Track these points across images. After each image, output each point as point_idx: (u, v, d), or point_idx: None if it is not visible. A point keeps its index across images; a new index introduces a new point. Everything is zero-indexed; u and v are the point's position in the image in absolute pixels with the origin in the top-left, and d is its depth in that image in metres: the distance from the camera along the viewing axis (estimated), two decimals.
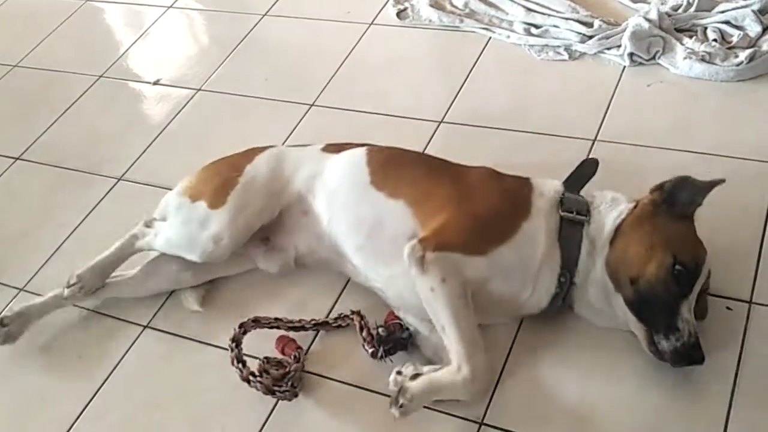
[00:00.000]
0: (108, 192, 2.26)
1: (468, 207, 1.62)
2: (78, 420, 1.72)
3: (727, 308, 1.61)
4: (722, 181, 1.58)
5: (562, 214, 1.60)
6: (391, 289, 1.68)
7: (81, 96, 2.67)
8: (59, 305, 1.88)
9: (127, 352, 1.82)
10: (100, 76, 2.74)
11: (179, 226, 1.81)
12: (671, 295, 1.47)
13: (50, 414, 1.74)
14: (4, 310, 1.91)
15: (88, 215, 2.20)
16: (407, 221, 1.65)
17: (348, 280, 1.83)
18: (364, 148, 1.83)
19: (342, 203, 1.74)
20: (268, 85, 2.51)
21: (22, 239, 2.19)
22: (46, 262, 2.10)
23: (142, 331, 1.86)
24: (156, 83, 2.66)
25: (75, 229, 2.16)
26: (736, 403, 1.46)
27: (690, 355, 1.46)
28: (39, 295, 1.99)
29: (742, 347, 1.54)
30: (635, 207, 1.59)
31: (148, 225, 1.89)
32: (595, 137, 2.04)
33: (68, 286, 1.84)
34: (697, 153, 1.94)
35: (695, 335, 1.46)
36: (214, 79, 2.61)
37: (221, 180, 1.81)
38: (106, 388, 1.76)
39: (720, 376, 1.50)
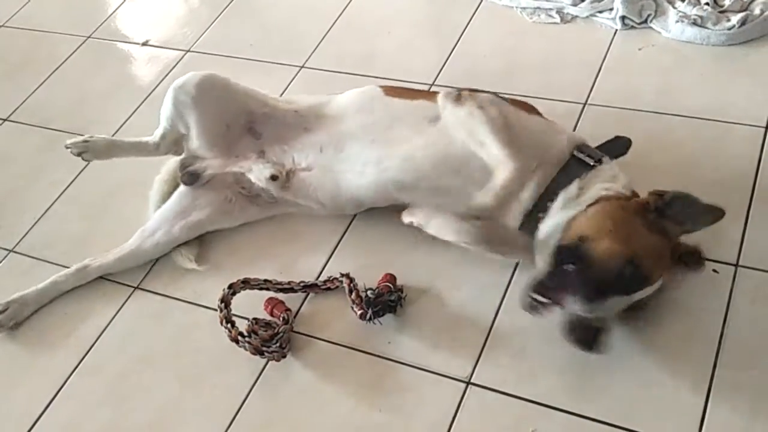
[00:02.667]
0: None
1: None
2: (71, 376, 1.74)
3: (714, 271, 1.62)
4: (723, 213, 1.49)
5: (575, 152, 1.62)
6: (408, 165, 1.69)
7: (69, 57, 2.65)
8: (58, 291, 1.89)
9: (117, 312, 1.83)
10: (88, 37, 2.71)
11: None
12: (603, 281, 1.42)
13: (43, 370, 1.76)
14: None
15: (77, 177, 2.19)
16: (430, 108, 1.74)
17: (338, 242, 1.84)
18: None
19: (354, 112, 1.81)
20: (257, 46, 2.49)
21: (11, 201, 2.18)
22: (35, 224, 2.10)
23: (132, 292, 1.87)
24: (145, 44, 2.64)
25: (64, 190, 2.16)
26: (721, 363, 1.48)
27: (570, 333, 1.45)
28: (29, 257, 2.00)
29: (727, 309, 1.56)
30: (628, 197, 1.56)
31: None
32: (586, 100, 2.03)
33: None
34: (687, 117, 1.94)
35: (598, 326, 1.43)
36: (203, 40, 2.58)
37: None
38: (98, 347, 1.78)
39: (705, 338, 1.52)
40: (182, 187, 1.93)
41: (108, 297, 1.87)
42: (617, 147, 1.70)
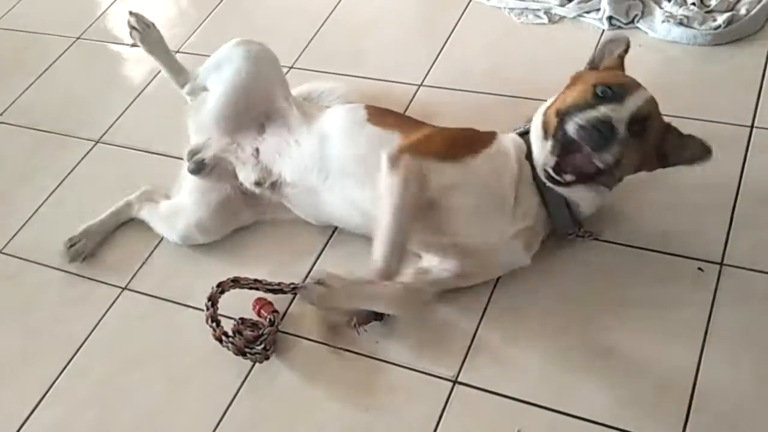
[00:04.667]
0: (86, 155, 2.25)
1: (447, 131, 1.73)
2: (59, 378, 1.74)
3: (699, 269, 1.63)
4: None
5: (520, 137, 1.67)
6: (371, 212, 1.67)
7: (58, 58, 2.65)
8: (119, 222, 2.01)
9: (105, 313, 1.84)
10: (78, 38, 2.71)
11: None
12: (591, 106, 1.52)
13: (32, 373, 1.76)
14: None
15: (65, 178, 2.19)
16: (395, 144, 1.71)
17: (325, 245, 1.85)
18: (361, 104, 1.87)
19: (339, 135, 1.78)
20: None
21: (0, 202, 2.18)
22: (24, 225, 2.10)
23: (120, 293, 1.87)
24: (134, 45, 2.62)
25: (53, 192, 2.16)
26: (706, 361, 1.49)
27: (595, 130, 1.49)
28: (17, 258, 2.01)
29: (712, 308, 1.57)
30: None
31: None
32: None
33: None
34: (674, 116, 1.93)
35: (609, 123, 1.49)
36: (192, 40, 2.59)
37: None
38: (86, 348, 1.78)
39: (690, 336, 1.53)
40: (189, 182, 1.94)
41: (96, 298, 1.87)
42: None
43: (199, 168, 1.89)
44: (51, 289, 1.92)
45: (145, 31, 2.08)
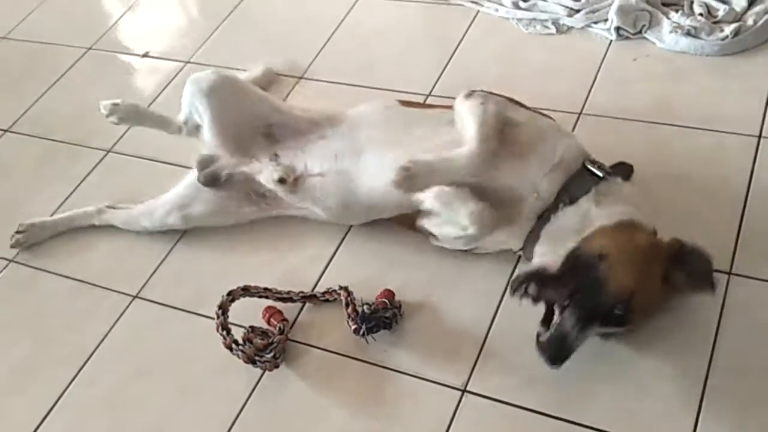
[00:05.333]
0: (97, 164, 2.27)
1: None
2: (69, 386, 1.75)
3: None
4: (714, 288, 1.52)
5: (587, 162, 1.63)
6: None
7: (70, 68, 2.67)
8: (70, 225, 2.07)
9: (116, 322, 1.85)
10: (89, 49, 2.74)
11: None
12: (600, 309, 1.45)
13: (44, 380, 1.77)
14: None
15: (77, 187, 2.21)
16: (446, 113, 1.77)
17: (334, 252, 1.86)
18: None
19: (373, 119, 1.85)
20: (256, 57, 2.51)
21: (12, 211, 2.20)
22: None
23: (131, 301, 1.88)
24: (145, 56, 2.66)
25: (65, 200, 2.18)
26: (714, 371, 1.49)
27: (546, 348, 1.46)
28: (29, 266, 2.02)
29: (720, 318, 1.57)
30: (655, 233, 1.55)
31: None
32: (581, 110, 2.05)
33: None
34: (681, 126, 1.96)
35: (563, 339, 1.44)
36: (202, 51, 2.61)
37: None
38: (97, 356, 1.79)
39: (698, 346, 1.53)
40: (191, 176, 1.96)
41: (107, 306, 1.88)
42: (621, 171, 1.68)
43: (213, 180, 1.91)
44: (62, 298, 1.94)
45: (117, 110, 2.06)
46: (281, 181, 1.84)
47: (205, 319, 1.77)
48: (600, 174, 1.61)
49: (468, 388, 1.56)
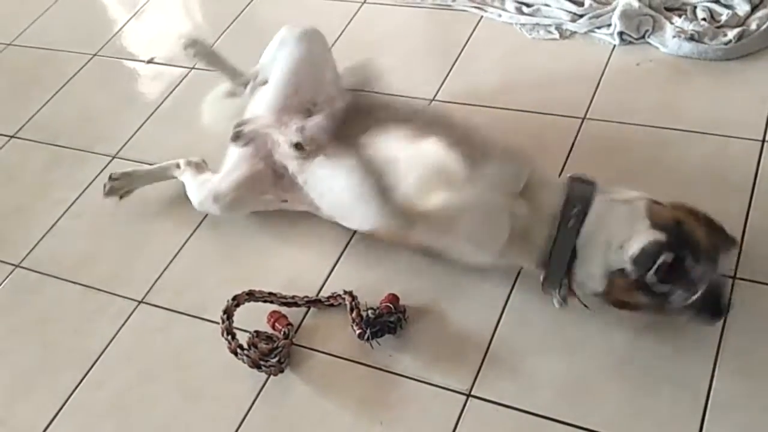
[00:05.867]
0: (102, 170, 2.27)
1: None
2: (76, 391, 1.76)
3: None
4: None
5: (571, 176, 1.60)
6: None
7: (75, 74, 2.68)
8: (164, 177, 2.10)
9: (122, 326, 1.86)
10: (94, 55, 2.75)
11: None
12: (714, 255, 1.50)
13: (50, 385, 1.78)
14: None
15: (82, 193, 2.22)
16: None
17: (340, 256, 1.86)
18: None
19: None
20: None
21: (18, 216, 2.21)
22: (41, 239, 2.12)
23: (137, 306, 1.89)
24: (150, 62, 2.67)
25: (70, 206, 2.19)
26: (719, 375, 1.50)
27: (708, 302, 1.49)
28: (35, 272, 2.03)
29: (725, 322, 1.57)
30: None
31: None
32: (585, 115, 2.06)
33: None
34: (685, 131, 1.96)
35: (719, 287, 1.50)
36: None
37: None
38: (103, 361, 1.80)
39: (703, 350, 1.54)
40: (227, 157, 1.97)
41: (113, 311, 1.89)
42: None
43: (237, 135, 1.88)
44: (68, 303, 1.95)
45: (194, 44, 2.18)
46: (297, 146, 1.79)
47: (210, 323, 1.78)
48: (591, 180, 1.59)
49: (473, 393, 1.56)
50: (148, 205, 2.10)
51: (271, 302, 1.74)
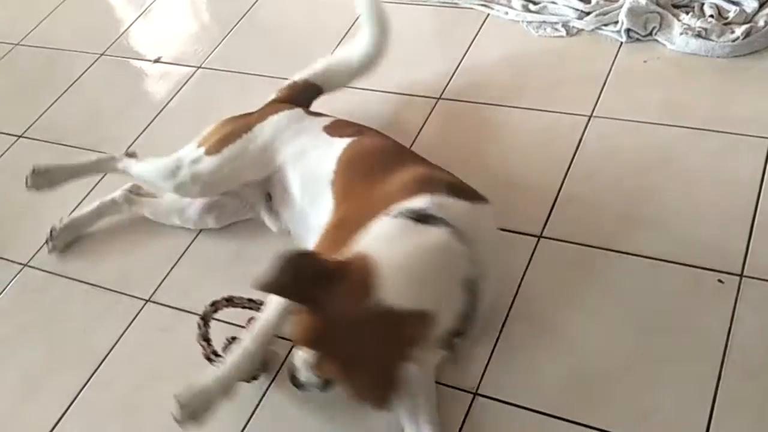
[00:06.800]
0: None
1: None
2: (83, 389, 1.76)
3: (719, 281, 1.63)
4: None
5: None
6: None
7: (82, 74, 2.69)
8: (103, 214, 2.08)
9: (129, 325, 1.86)
10: (101, 55, 2.76)
11: (168, 159, 1.94)
12: None
13: (57, 384, 1.79)
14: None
15: (90, 192, 2.22)
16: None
17: None
18: (349, 140, 1.78)
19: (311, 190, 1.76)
20: (267, 63, 2.52)
21: (26, 216, 2.22)
22: None
23: (144, 305, 1.90)
24: (156, 61, 2.68)
25: (78, 205, 2.19)
26: (726, 373, 1.49)
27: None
28: (44, 271, 2.04)
29: (732, 320, 1.56)
30: None
31: (130, 155, 2.08)
32: (592, 113, 2.05)
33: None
34: (692, 128, 1.95)
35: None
36: (214, 56, 2.62)
37: (227, 132, 1.89)
38: (110, 360, 1.80)
39: (710, 348, 1.53)
40: None
41: (120, 310, 1.90)
42: None
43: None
44: (76, 302, 1.95)
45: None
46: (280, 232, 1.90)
47: (218, 322, 1.77)
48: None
49: (479, 391, 1.56)
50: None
51: (250, 308, 1.70)
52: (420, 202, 1.48)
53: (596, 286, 1.68)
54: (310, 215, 1.75)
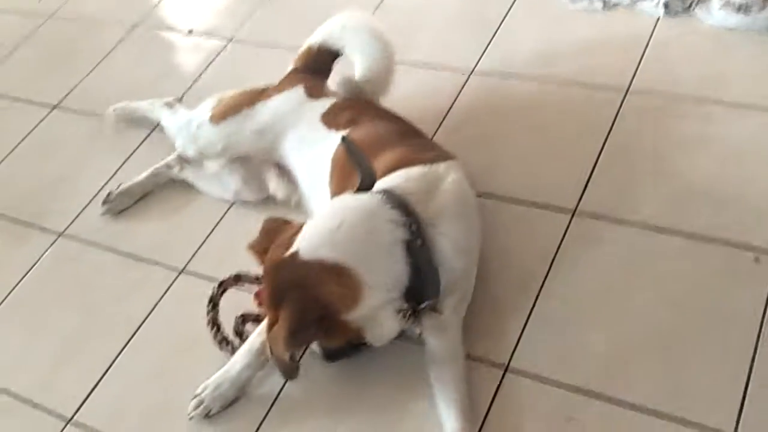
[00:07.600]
0: (144, 139, 2.30)
1: None
2: (119, 356, 1.80)
3: (755, 259, 1.61)
4: None
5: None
6: None
7: (116, 46, 2.71)
8: (159, 178, 2.13)
9: (163, 294, 1.88)
10: (134, 26, 2.77)
11: (186, 114, 2.09)
12: None
13: (93, 351, 1.82)
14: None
15: (125, 162, 2.24)
16: None
17: None
18: (344, 134, 1.76)
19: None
20: (298, 36, 2.50)
21: (61, 186, 2.25)
22: (84, 207, 2.16)
23: (178, 275, 1.92)
24: (189, 33, 2.69)
25: (113, 175, 2.21)
26: (760, 352, 1.47)
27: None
28: (79, 240, 2.07)
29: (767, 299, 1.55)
30: None
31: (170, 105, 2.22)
32: (628, 88, 2.02)
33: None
34: (730, 105, 1.92)
35: None
36: (246, 29, 2.62)
37: (235, 103, 1.97)
38: (145, 327, 1.83)
39: (744, 327, 1.51)
40: None
41: (155, 280, 1.92)
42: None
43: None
44: (111, 271, 1.98)
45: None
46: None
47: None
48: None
49: (510, 367, 1.56)
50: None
51: (259, 284, 1.69)
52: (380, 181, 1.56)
53: (631, 263, 1.67)
54: (312, 200, 1.84)
